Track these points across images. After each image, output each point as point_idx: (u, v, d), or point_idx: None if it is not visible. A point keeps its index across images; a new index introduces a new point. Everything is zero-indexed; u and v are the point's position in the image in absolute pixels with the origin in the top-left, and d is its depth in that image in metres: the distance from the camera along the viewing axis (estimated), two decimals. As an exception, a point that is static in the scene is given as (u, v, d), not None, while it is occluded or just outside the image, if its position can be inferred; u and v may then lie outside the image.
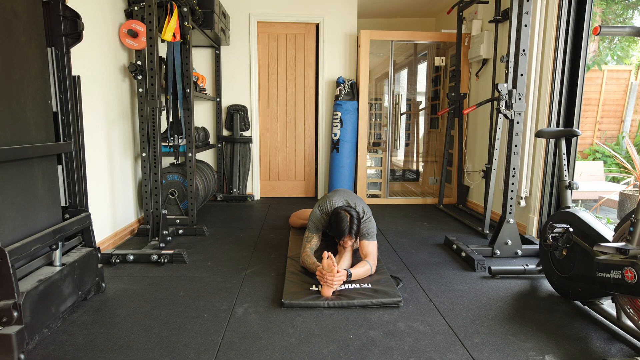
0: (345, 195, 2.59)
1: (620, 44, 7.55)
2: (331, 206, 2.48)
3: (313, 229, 2.50)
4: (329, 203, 2.50)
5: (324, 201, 2.53)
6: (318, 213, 2.50)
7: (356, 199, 2.57)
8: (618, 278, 1.53)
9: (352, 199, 2.55)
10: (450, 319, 1.86)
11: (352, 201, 2.51)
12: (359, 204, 2.51)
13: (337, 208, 2.40)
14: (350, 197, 2.57)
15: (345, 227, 2.28)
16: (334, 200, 2.51)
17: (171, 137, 3.32)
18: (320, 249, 2.55)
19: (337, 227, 2.30)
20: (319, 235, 2.51)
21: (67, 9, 1.90)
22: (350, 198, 2.55)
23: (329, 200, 2.52)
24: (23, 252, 1.54)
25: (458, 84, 4.12)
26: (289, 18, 4.35)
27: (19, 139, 1.65)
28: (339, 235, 2.31)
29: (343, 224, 2.28)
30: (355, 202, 2.52)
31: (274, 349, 1.59)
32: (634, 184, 4.81)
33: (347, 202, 2.51)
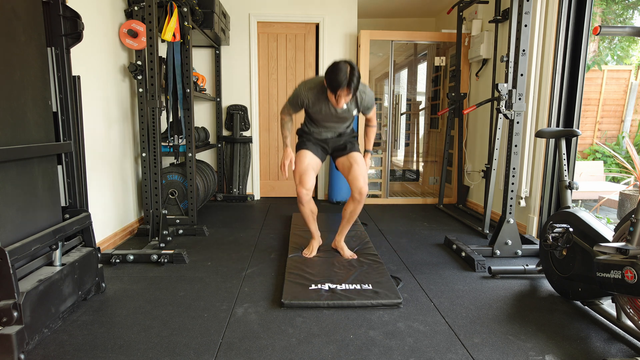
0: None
1: (620, 44, 7.55)
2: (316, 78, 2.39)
3: (290, 103, 2.40)
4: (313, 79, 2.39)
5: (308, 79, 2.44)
6: (298, 93, 2.36)
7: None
8: (618, 278, 1.53)
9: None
10: (450, 319, 1.86)
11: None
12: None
13: (336, 61, 2.18)
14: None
15: (344, 78, 2.08)
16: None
17: (171, 137, 3.32)
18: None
19: (335, 77, 2.10)
20: (296, 110, 2.43)
21: (67, 9, 1.90)
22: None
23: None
24: (23, 252, 1.54)
25: (458, 84, 4.12)
26: (289, 18, 4.35)
27: (19, 139, 1.65)
28: (335, 86, 2.11)
29: (342, 74, 2.09)
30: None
31: (274, 349, 1.59)
32: (634, 184, 4.81)
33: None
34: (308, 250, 2.64)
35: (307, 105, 2.37)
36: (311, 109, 2.38)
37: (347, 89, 2.12)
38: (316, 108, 2.36)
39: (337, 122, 2.45)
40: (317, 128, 2.52)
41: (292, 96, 2.39)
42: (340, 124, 2.49)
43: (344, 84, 2.09)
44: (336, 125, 2.49)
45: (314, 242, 2.68)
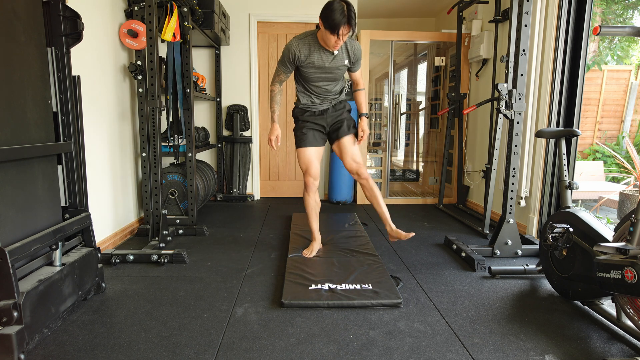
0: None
1: (620, 44, 7.55)
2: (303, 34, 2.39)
3: (281, 63, 2.41)
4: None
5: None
6: (288, 48, 2.35)
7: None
8: (618, 278, 1.53)
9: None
10: (450, 319, 1.86)
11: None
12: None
13: (329, 1, 2.18)
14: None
15: (342, 16, 2.10)
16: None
17: (171, 137, 3.32)
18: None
19: (332, 16, 2.11)
20: (287, 75, 2.46)
21: (67, 9, 1.90)
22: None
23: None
24: (23, 252, 1.54)
25: (458, 84, 4.12)
26: (289, 18, 4.35)
27: (19, 139, 1.65)
28: (336, 25, 2.12)
29: (339, 13, 2.09)
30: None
31: (274, 349, 1.59)
32: (634, 184, 4.81)
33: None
34: (308, 250, 2.64)
35: (300, 60, 2.36)
36: (304, 63, 2.37)
37: (348, 25, 2.14)
38: (309, 61, 2.36)
39: (329, 80, 2.46)
40: (310, 97, 2.52)
41: (282, 55, 2.39)
42: (332, 83, 2.49)
43: (344, 21, 2.12)
44: (329, 85, 2.48)
45: (314, 243, 2.69)
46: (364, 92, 2.64)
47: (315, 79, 2.44)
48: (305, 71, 2.42)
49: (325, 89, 2.50)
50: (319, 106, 2.55)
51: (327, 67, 2.40)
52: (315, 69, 2.39)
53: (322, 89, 2.49)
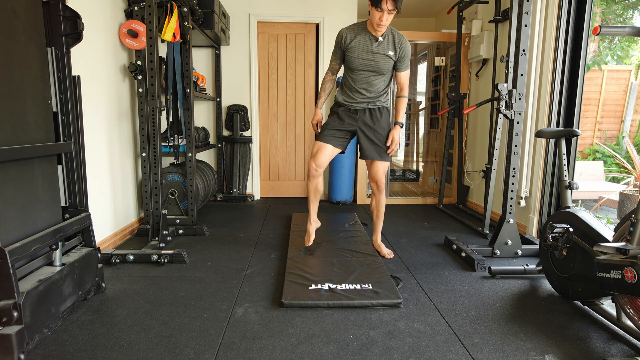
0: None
1: (620, 44, 7.55)
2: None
3: (333, 51, 2.54)
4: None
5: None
6: (339, 32, 2.47)
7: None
8: (618, 278, 1.53)
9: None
10: (450, 319, 1.86)
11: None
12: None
13: None
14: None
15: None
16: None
17: (171, 137, 3.32)
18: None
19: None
20: (338, 62, 2.54)
21: (67, 9, 1.90)
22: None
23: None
24: (23, 252, 1.54)
25: (458, 84, 4.12)
26: (289, 18, 4.35)
27: (19, 139, 1.65)
28: (379, 0, 2.20)
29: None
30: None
31: (274, 349, 1.59)
32: (634, 184, 4.81)
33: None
34: (306, 237, 2.71)
35: (346, 42, 2.44)
36: (349, 45, 2.43)
37: (392, 1, 2.19)
38: (354, 43, 2.42)
39: (372, 70, 2.44)
40: (350, 92, 2.52)
41: (335, 42, 2.52)
42: (375, 76, 2.47)
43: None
44: (370, 77, 2.46)
45: (310, 226, 2.72)
46: (405, 100, 2.56)
47: (358, 66, 2.44)
48: (349, 56, 2.45)
49: (367, 82, 2.47)
50: (355, 104, 2.53)
51: (370, 52, 2.41)
52: (359, 52, 2.41)
53: (363, 81, 2.47)
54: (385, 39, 2.41)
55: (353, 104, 2.53)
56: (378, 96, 2.53)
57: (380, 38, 2.39)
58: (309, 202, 2.73)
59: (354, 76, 2.48)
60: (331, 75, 2.58)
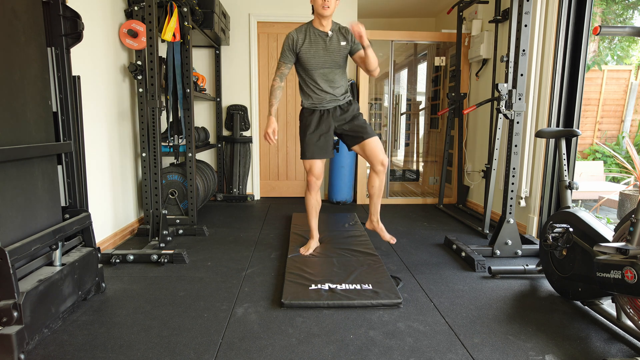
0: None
1: (620, 44, 7.55)
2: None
3: (282, 54, 2.48)
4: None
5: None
6: (287, 36, 2.45)
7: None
8: (618, 278, 1.53)
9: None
10: (450, 319, 1.86)
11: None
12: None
13: None
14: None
15: None
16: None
17: (171, 137, 3.32)
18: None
19: None
20: (288, 66, 2.50)
21: (67, 9, 1.90)
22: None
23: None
24: (23, 252, 1.54)
25: (458, 84, 4.12)
26: (289, 18, 4.35)
27: (19, 139, 1.65)
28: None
29: None
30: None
31: (274, 349, 1.59)
32: (634, 184, 4.81)
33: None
34: (305, 248, 2.67)
35: (298, 44, 2.43)
36: (301, 47, 2.43)
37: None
38: (306, 45, 2.42)
39: (330, 66, 2.46)
40: (314, 93, 2.52)
41: (282, 46, 2.48)
42: (334, 70, 2.48)
43: None
44: (330, 74, 2.48)
45: (311, 241, 2.70)
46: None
47: (315, 65, 2.45)
48: (305, 57, 2.44)
49: (327, 79, 2.48)
50: (324, 104, 2.52)
51: (325, 49, 2.43)
52: (315, 51, 2.42)
53: (324, 78, 2.48)
54: (334, 33, 2.45)
55: (323, 103, 2.53)
56: (343, 92, 2.55)
57: (329, 32, 2.43)
58: (310, 217, 2.71)
59: (314, 76, 2.48)
60: (280, 82, 2.51)
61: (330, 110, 2.55)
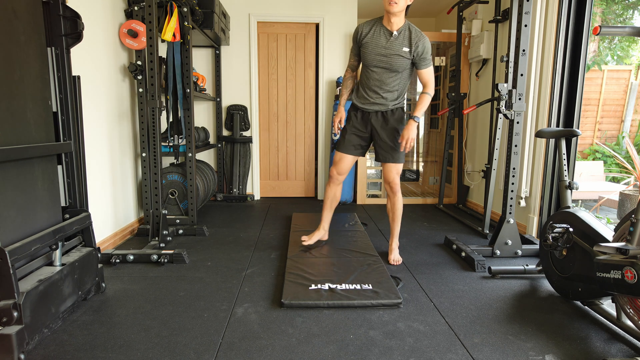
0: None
1: (620, 44, 7.55)
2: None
3: (352, 49, 2.53)
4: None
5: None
6: (357, 27, 2.46)
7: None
8: (618, 278, 1.53)
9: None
10: (450, 319, 1.86)
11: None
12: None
13: None
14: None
15: None
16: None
17: (171, 137, 3.32)
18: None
19: None
20: (356, 58, 2.53)
21: (67, 9, 1.90)
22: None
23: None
24: (23, 252, 1.54)
25: (458, 84, 4.12)
26: (289, 18, 4.35)
27: (19, 139, 1.65)
28: None
29: None
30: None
31: (274, 349, 1.59)
32: (634, 184, 4.81)
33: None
34: (309, 237, 2.70)
35: (361, 36, 2.42)
36: (364, 40, 2.40)
37: None
38: (367, 39, 2.39)
39: (386, 67, 2.37)
40: (364, 90, 2.47)
41: (352, 37, 2.51)
42: (389, 73, 2.39)
43: None
44: (384, 75, 2.39)
45: (317, 232, 2.73)
46: (428, 97, 2.42)
47: (371, 62, 2.39)
48: (363, 51, 2.42)
49: (380, 80, 2.40)
50: (368, 105, 2.47)
51: (384, 47, 2.35)
52: (373, 47, 2.37)
53: (377, 78, 2.40)
54: (400, 34, 2.33)
55: (366, 105, 2.47)
56: (394, 98, 2.46)
57: (395, 33, 2.32)
58: (324, 208, 2.71)
59: (369, 73, 2.43)
60: (351, 72, 2.56)
61: (372, 114, 2.49)
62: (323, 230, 2.75)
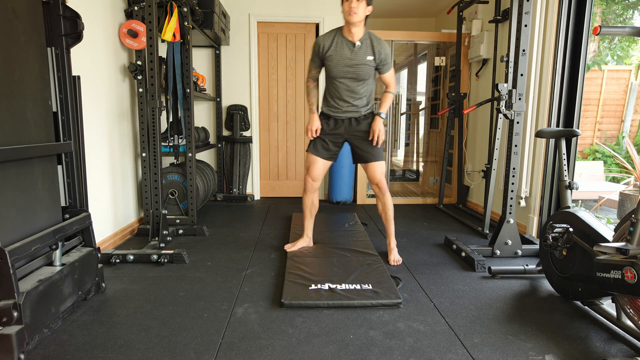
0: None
1: (620, 44, 7.55)
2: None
3: (311, 59, 2.52)
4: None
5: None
6: (315, 41, 2.45)
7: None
8: (618, 278, 1.53)
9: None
10: (450, 319, 1.86)
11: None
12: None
13: None
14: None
15: None
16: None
17: (171, 137, 3.32)
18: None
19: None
20: (317, 69, 2.54)
21: (67, 9, 1.90)
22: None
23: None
24: (23, 252, 1.54)
25: (458, 84, 4.12)
26: (289, 18, 4.35)
27: (19, 139, 1.65)
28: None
29: None
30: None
31: (274, 349, 1.59)
32: (634, 184, 4.81)
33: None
34: (291, 244, 2.69)
35: (324, 50, 2.41)
36: (327, 53, 2.41)
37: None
38: (331, 53, 2.40)
39: (353, 77, 2.41)
40: (333, 100, 2.51)
41: (312, 51, 2.49)
42: (356, 82, 2.43)
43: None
44: (352, 84, 2.43)
45: (302, 240, 2.72)
46: (391, 96, 2.54)
47: (338, 74, 2.42)
48: (329, 65, 2.43)
49: (350, 89, 2.44)
50: (340, 114, 2.51)
51: (349, 59, 2.38)
52: (338, 59, 2.39)
53: (346, 89, 2.44)
54: (363, 44, 2.38)
55: (338, 113, 2.52)
56: (364, 104, 2.52)
57: (357, 43, 2.37)
58: (305, 217, 2.72)
59: (336, 85, 2.46)
60: (313, 82, 2.56)
61: (345, 120, 2.53)
62: (307, 238, 2.75)
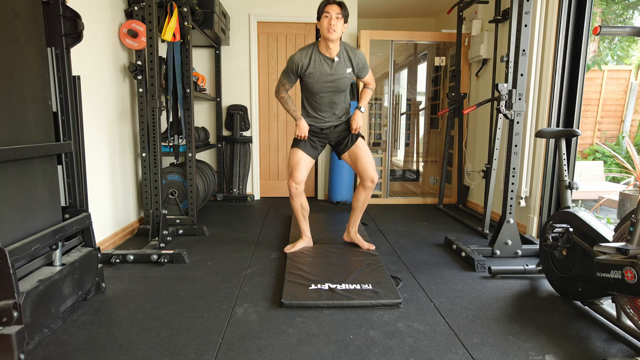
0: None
1: (620, 44, 7.55)
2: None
3: (285, 74, 2.48)
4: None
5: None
6: (291, 59, 2.43)
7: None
8: (618, 278, 1.53)
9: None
10: (450, 319, 1.86)
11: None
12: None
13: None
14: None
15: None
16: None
17: (171, 137, 3.32)
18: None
19: (321, 2, 2.33)
20: (291, 84, 2.52)
21: (67, 9, 1.90)
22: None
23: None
24: (23, 252, 1.54)
25: (458, 84, 4.12)
26: (289, 18, 4.35)
27: (19, 139, 1.65)
28: (322, 7, 2.32)
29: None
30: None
31: (274, 349, 1.59)
32: (634, 184, 4.81)
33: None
34: (290, 246, 2.69)
35: (302, 68, 2.40)
36: (306, 72, 2.41)
37: (336, 4, 2.30)
38: (311, 70, 2.40)
39: (333, 90, 2.46)
40: (314, 110, 2.55)
41: (286, 66, 2.46)
42: (337, 94, 2.50)
43: (330, 1, 2.29)
44: (334, 96, 2.49)
45: (300, 241, 2.72)
46: (370, 91, 2.64)
47: (320, 89, 2.46)
48: (308, 82, 2.44)
49: (331, 101, 2.51)
50: (322, 124, 2.58)
51: (330, 75, 2.41)
52: (318, 77, 2.41)
53: (327, 101, 2.50)
54: (340, 58, 2.41)
55: (320, 123, 2.59)
56: (345, 111, 2.61)
57: (336, 58, 2.40)
58: (299, 221, 2.72)
59: (318, 99, 2.50)
60: (286, 93, 2.56)
61: (326, 128, 2.61)
62: (307, 238, 2.75)
